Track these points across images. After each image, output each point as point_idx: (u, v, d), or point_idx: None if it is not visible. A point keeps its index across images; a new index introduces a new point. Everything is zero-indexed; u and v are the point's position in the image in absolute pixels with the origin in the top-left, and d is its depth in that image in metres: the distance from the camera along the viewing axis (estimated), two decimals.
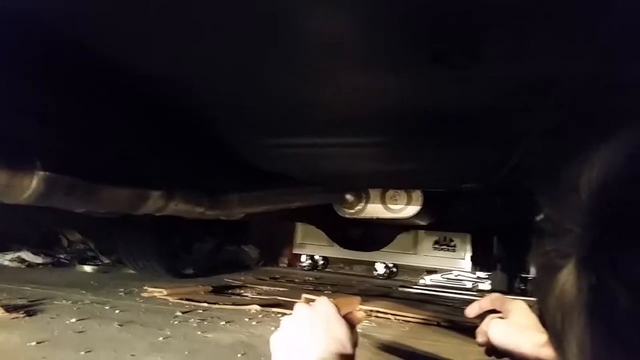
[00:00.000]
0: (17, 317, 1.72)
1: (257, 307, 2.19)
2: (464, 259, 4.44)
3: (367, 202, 2.35)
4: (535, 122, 1.13)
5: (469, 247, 4.36)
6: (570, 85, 0.89)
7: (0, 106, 0.94)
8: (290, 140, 1.44)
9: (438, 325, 2.18)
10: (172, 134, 1.40)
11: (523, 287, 3.52)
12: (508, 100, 1.04)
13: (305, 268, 4.81)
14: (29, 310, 1.82)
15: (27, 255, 3.10)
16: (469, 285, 4.44)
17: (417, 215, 2.36)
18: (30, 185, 1.02)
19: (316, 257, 4.90)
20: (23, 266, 3.04)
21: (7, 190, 0.99)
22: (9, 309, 1.77)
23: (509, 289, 3.63)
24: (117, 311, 1.96)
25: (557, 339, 0.35)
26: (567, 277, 0.33)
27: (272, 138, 1.45)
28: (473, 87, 0.99)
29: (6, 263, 3.04)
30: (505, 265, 3.79)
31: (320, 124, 1.30)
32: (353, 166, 1.73)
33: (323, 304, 0.66)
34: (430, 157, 1.56)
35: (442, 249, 4.54)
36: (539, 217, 0.36)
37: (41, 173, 1.02)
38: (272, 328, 1.88)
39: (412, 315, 2.27)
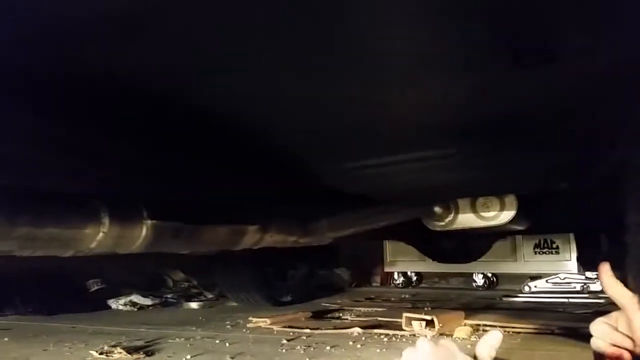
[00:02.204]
0: (138, 358, 1.84)
1: (359, 330, 2.18)
2: (569, 260, 4.15)
3: (457, 213, 2.27)
4: (617, 114, 1.06)
5: (573, 248, 4.08)
6: None
7: (109, 163, 1.03)
8: (369, 160, 1.45)
9: (552, 333, 2.05)
10: (260, 168, 1.45)
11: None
12: (587, 94, 0.99)
13: (399, 286, 4.73)
14: (147, 350, 1.95)
15: (137, 299, 3.33)
16: (578, 287, 4.14)
17: (513, 220, 2.25)
18: (141, 235, 1.10)
19: (409, 273, 4.80)
20: (135, 309, 3.26)
21: (120, 241, 1.08)
22: (129, 350, 1.90)
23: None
24: (227, 344, 2.03)
25: None
26: None
27: (352, 161, 1.46)
28: (552, 85, 0.95)
29: (120, 307, 3.27)
30: (616, 262, 3.50)
31: (396, 140, 1.29)
32: (435, 179, 1.70)
33: (446, 341, 0.64)
34: (515, 161, 1.50)
35: (544, 253, 4.28)
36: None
37: (149, 222, 1.10)
38: (377, 350, 1.87)
39: (522, 325, 2.15)
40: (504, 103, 1.06)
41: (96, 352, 1.88)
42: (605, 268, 0.81)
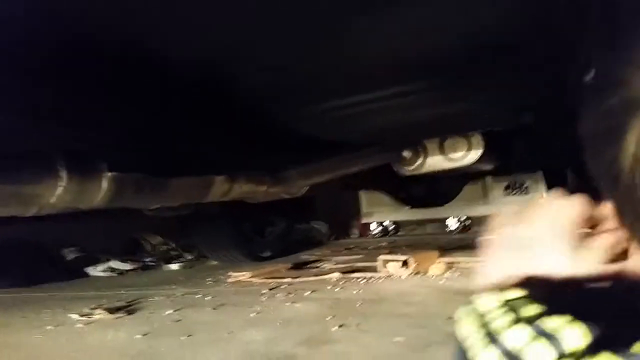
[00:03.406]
0: (119, 317, 1.85)
1: (338, 275, 2.23)
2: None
3: (426, 156, 2.30)
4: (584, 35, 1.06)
5: (542, 187, 4.18)
6: None
7: (61, 114, 1.00)
8: (337, 101, 1.45)
9: None
10: (225, 118, 1.43)
11: None
12: (553, 14, 0.99)
13: (377, 235, 4.81)
14: (129, 309, 1.96)
15: (116, 264, 3.32)
16: None
17: (480, 160, 2.29)
18: (101, 188, 1.09)
19: (386, 223, 4.88)
20: (114, 274, 3.25)
21: (80, 195, 1.07)
22: (111, 310, 1.91)
23: None
24: (208, 298, 2.06)
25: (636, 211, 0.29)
26: (638, 137, 0.27)
27: (321, 102, 1.45)
28: (514, 5, 0.94)
29: (99, 274, 3.26)
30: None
31: (363, 78, 1.28)
32: (404, 118, 1.70)
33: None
34: (481, 91, 1.50)
35: (514, 194, 4.38)
36: (588, 77, 0.31)
37: (109, 174, 1.09)
38: (354, 292, 1.92)
39: None
40: (464, 30, 1.06)
41: (77, 314, 1.89)
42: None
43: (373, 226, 4.88)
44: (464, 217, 4.61)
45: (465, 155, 2.26)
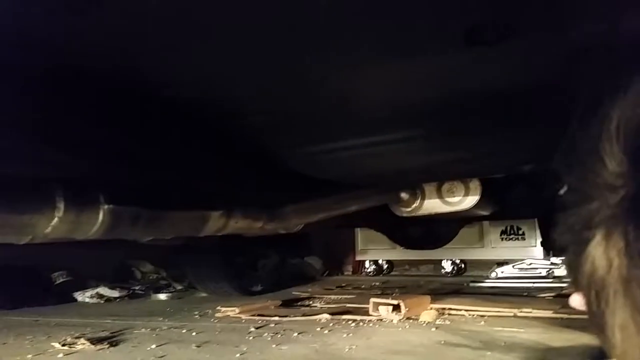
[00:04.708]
0: (102, 349, 1.81)
1: (328, 316, 2.19)
2: (535, 246, 4.26)
3: (423, 199, 2.30)
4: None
5: (538, 234, 4.18)
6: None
7: (61, 143, 1.00)
8: (337, 144, 1.45)
9: (515, 316, 2.10)
10: (224, 155, 1.44)
11: None
12: (553, 72, 1.00)
13: (371, 274, 4.77)
14: (112, 341, 1.92)
15: (104, 291, 3.27)
16: (543, 272, 4.25)
17: (477, 205, 2.29)
18: (98, 220, 1.08)
19: (380, 261, 4.85)
20: (102, 301, 3.20)
21: (76, 226, 1.05)
22: (93, 341, 1.87)
23: None
24: (193, 333, 2.02)
25: (595, 322, 0.30)
26: (595, 250, 0.29)
27: (318, 144, 1.46)
28: (511, 63, 0.96)
29: (87, 300, 3.21)
30: None
31: (362, 123, 1.29)
32: (401, 162, 1.71)
33: None
34: (480, 142, 1.52)
35: (510, 239, 4.37)
36: (562, 191, 0.32)
37: (106, 206, 1.08)
38: (344, 335, 1.88)
39: (486, 308, 2.20)
40: (465, 84, 1.07)
41: (59, 343, 1.84)
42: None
43: (367, 264, 4.85)
44: (458, 260, 4.59)
45: (463, 199, 2.26)
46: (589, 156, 0.30)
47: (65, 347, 1.80)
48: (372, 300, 2.23)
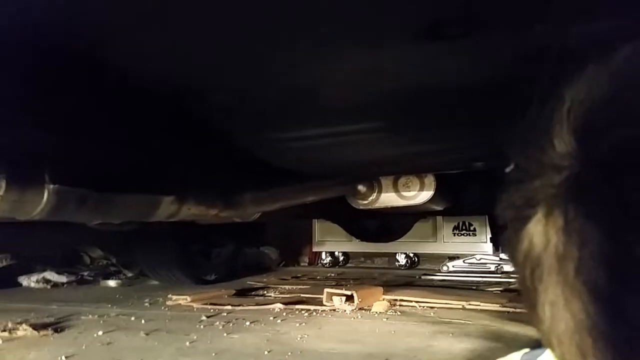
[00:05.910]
0: (45, 335, 1.74)
1: (281, 306, 2.19)
2: (485, 242, 4.39)
3: (379, 192, 2.33)
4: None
5: (487, 230, 4.32)
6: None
7: (5, 118, 0.95)
8: (297, 132, 1.45)
9: (463, 308, 2.16)
10: (179, 136, 1.40)
11: None
12: (509, 71, 1.03)
13: (327, 265, 4.79)
14: (57, 327, 1.85)
15: (51, 276, 3.15)
16: (492, 267, 4.39)
17: (431, 200, 2.34)
18: (42, 200, 1.03)
19: (336, 253, 4.88)
20: (48, 286, 3.08)
21: (18, 206, 1.01)
22: (36, 327, 1.79)
23: None
24: (143, 321, 1.97)
25: (527, 299, 0.31)
26: (535, 228, 0.29)
27: (279, 131, 1.45)
28: (472, 59, 0.97)
29: (32, 285, 3.08)
30: None
31: (324, 112, 1.29)
32: (361, 154, 1.73)
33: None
34: (436, 137, 1.54)
35: (462, 234, 4.49)
36: (508, 169, 0.33)
37: (52, 186, 1.03)
38: (297, 324, 1.89)
39: (436, 300, 2.25)
40: (425, 78, 1.08)
41: (0, 329, 1.76)
42: None
43: (323, 255, 4.88)
44: (412, 254, 4.68)
45: (418, 194, 2.30)
46: (539, 137, 0.31)
47: (5, 333, 1.73)
48: (326, 290, 2.24)
